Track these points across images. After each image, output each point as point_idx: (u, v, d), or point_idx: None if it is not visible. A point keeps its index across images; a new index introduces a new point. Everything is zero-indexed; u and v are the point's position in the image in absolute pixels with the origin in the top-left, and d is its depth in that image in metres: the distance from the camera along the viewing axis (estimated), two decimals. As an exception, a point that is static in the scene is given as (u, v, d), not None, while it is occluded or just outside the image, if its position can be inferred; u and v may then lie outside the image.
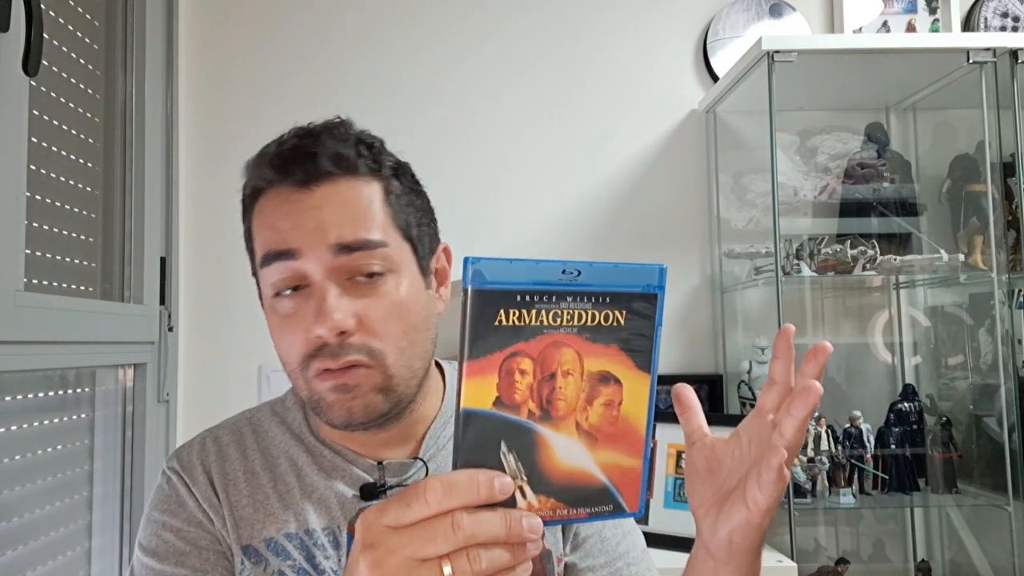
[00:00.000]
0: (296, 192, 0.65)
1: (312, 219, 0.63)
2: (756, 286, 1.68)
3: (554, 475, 0.41)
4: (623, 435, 0.41)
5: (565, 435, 0.41)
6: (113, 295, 1.47)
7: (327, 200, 0.64)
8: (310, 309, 0.63)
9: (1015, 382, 1.52)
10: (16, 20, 1.05)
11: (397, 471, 0.71)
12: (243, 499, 0.70)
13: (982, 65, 1.53)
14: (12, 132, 1.09)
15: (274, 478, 0.71)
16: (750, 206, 1.74)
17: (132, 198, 1.50)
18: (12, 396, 1.17)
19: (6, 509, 1.14)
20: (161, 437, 1.56)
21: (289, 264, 0.64)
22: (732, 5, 1.83)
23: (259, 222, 0.67)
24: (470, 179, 1.77)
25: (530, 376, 0.40)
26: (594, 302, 0.40)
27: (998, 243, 1.54)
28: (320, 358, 0.63)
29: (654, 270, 0.41)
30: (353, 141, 0.67)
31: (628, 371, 0.41)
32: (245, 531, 0.68)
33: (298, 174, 0.65)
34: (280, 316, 0.66)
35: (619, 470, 0.42)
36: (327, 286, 0.63)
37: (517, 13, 1.81)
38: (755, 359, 1.65)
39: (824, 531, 1.77)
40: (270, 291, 0.66)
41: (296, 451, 0.73)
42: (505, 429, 0.40)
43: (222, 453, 0.73)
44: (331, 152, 0.65)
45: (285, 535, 0.68)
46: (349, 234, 0.63)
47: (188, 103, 1.72)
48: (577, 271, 0.40)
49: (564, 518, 0.41)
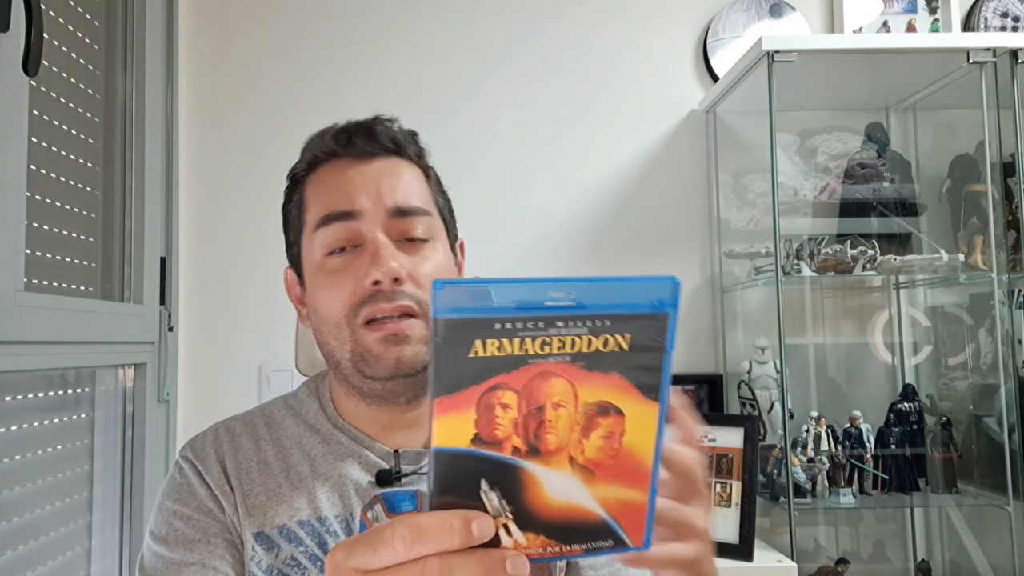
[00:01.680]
0: (356, 162, 0.72)
1: (372, 185, 0.70)
2: (756, 286, 1.68)
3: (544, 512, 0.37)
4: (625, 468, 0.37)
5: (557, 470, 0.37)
6: (113, 295, 1.47)
7: (384, 171, 0.72)
8: (363, 261, 0.68)
9: (1015, 382, 1.52)
10: (16, 20, 1.05)
11: (412, 460, 0.72)
12: (256, 487, 0.71)
13: (982, 65, 1.53)
14: (12, 132, 1.09)
15: (287, 467, 0.72)
16: (750, 206, 1.75)
17: (132, 198, 1.50)
18: (12, 396, 1.17)
19: (6, 509, 1.14)
20: (161, 437, 1.57)
21: (349, 224, 0.69)
22: (732, 5, 1.83)
23: (317, 189, 0.72)
24: (470, 179, 1.77)
25: (514, 410, 0.35)
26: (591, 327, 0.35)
27: (998, 243, 1.54)
28: (372, 303, 0.67)
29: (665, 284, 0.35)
30: (404, 131, 0.75)
31: (632, 400, 0.37)
32: (257, 518, 0.69)
33: (359, 147, 0.71)
34: (328, 272, 0.70)
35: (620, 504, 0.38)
36: (382, 239, 0.68)
37: (517, 14, 1.81)
38: (755, 359, 1.65)
39: (824, 531, 1.77)
40: (322, 251, 0.70)
41: (310, 441, 0.74)
42: (486, 467, 0.36)
43: (235, 443, 0.74)
44: (387, 133, 0.73)
45: (297, 522, 0.69)
46: (403, 200, 0.70)
47: (188, 103, 1.72)
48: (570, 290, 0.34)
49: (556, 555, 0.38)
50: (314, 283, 0.71)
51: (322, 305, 0.70)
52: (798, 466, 1.52)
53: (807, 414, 1.61)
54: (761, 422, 1.55)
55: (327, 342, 0.71)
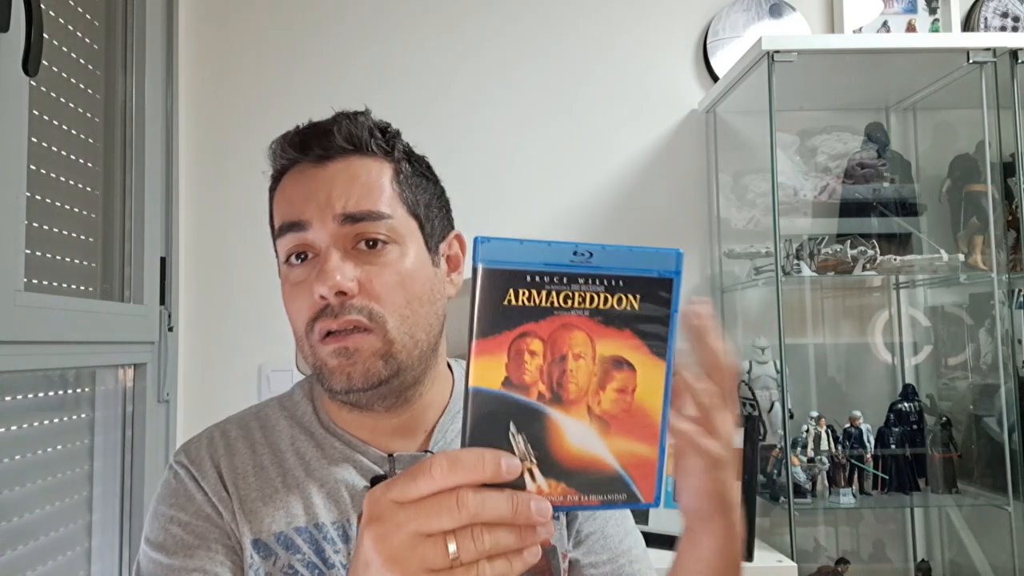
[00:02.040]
0: (312, 168, 0.69)
1: (323, 191, 0.67)
2: (756, 286, 1.68)
3: (565, 460, 0.40)
4: (637, 423, 0.40)
5: (576, 419, 0.40)
6: (113, 295, 1.47)
7: (339, 174, 0.69)
8: (311, 274, 0.66)
9: (1015, 382, 1.52)
10: (16, 20, 1.05)
11: (407, 464, 0.71)
12: (252, 493, 0.70)
13: (982, 65, 1.53)
14: (12, 132, 1.09)
15: (283, 472, 0.71)
16: (750, 206, 1.75)
17: (132, 198, 1.50)
18: (12, 396, 1.17)
19: (6, 509, 1.14)
20: (161, 437, 1.56)
21: (299, 235, 0.67)
22: (732, 5, 1.83)
23: (279, 198, 0.72)
24: (471, 178, 1.77)
25: (540, 357, 0.39)
26: (607, 285, 0.39)
27: (998, 243, 1.54)
28: (322, 319, 0.65)
29: (670, 255, 0.40)
30: (367, 125, 0.71)
31: (642, 357, 0.40)
32: (255, 525, 0.68)
33: (314, 150, 0.69)
34: (290, 284, 0.69)
35: (633, 459, 0.40)
36: (330, 251, 0.66)
37: (517, 13, 1.81)
38: (755, 359, 1.65)
39: (824, 531, 1.77)
40: (282, 260, 0.70)
41: (304, 444, 0.73)
42: (514, 410, 0.39)
43: (230, 447, 0.73)
44: (345, 131, 0.69)
45: (295, 529, 0.68)
46: (353, 205, 0.67)
47: (188, 103, 1.72)
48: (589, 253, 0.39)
49: (575, 504, 0.40)
50: (283, 293, 0.71)
51: (289, 316, 0.70)
52: (798, 466, 1.52)
53: (807, 414, 1.61)
54: (761, 422, 1.55)
55: (300, 351, 0.70)
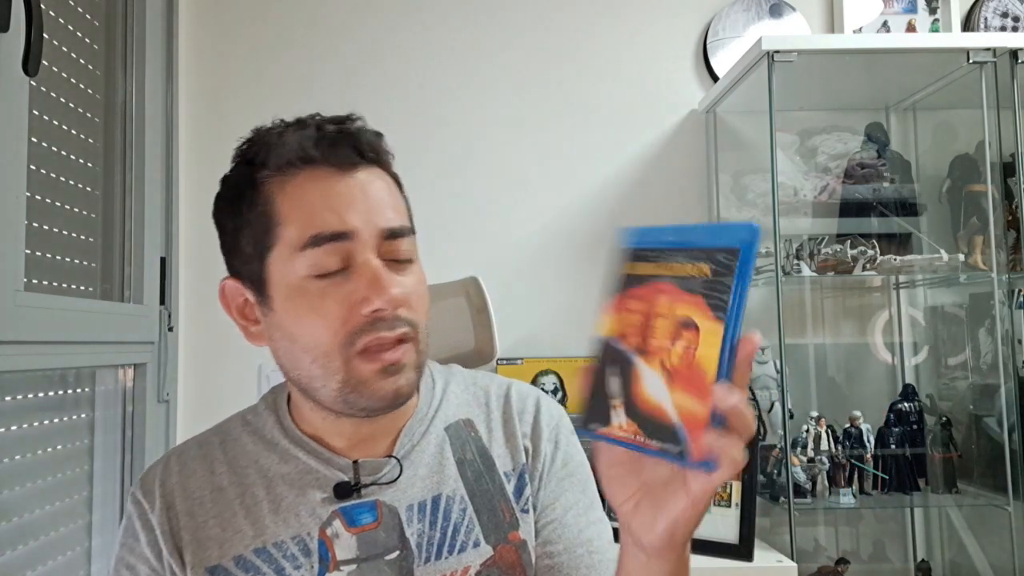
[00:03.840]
0: (337, 174, 0.66)
1: (361, 202, 0.65)
2: (756, 286, 1.68)
3: (641, 403, 0.46)
4: (695, 378, 0.44)
5: (652, 369, 0.46)
6: (113, 295, 1.47)
7: (369, 185, 0.66)
8: (358, 286, 0.63)
9: (1015, 382, 1.52)
10: (16, 20, 1.05)
11: (372, 470, 0.71)
12: (209, 519, 0.69)
13: (982, 65, 1.53)
14: (12, 132, 1.09)
15: (242, 492, 0.70)
16: (750, 206, 1.74)
17: (132, 198, 1.50)
18: (12, 396, 1.17)
19: (6, 509, 1.14)
20: (161, 437, 1.56)
21: (343, 245, 0.64)
22: (732, 5, 1.83)
23: (297, 203, 0.65)
24: (470, 178, 1.77)
25: (638, 316, 0.47)
26: (689, 255, 0.46)
27: (998, 243, 1.54)
28: (372, 332, 0.63)
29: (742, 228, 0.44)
30: (373, 133, 0.70)
31: (706, 319, 0.44)
32: (213, 551, 0.68)
33: (342, 156, 0.66)
34: (312, 297, 0.64)
35: (689, 414, 0.44)
36: (378, 264, 0.64)
37: (517, 13, 1.81)
38: (755, 359, 1.64)
39: (824, 531, 1.77)
40: (307, 271, 0.64)
41: (267, 459, 0.72)
42: (614, 355, 0.48)
43: (186, 470, 0.72)
44: (367, 140, 0.67)
45: (254, 551, 0.67)
46: (395, 219, 0.67)
47: (188, 103, 1.72)
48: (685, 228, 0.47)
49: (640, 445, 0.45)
50: (293, 307, 0.65)
51: (306, 332, 0.65)
52: (798, 466, 1.52)
53: (807, 414, 1.61)
54: (761, 422, 1.55)
55: (310, 370, 0.66)
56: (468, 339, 1.11)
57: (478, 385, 0.81)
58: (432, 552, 0.69)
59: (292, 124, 0.69)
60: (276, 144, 0.67)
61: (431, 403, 0.77)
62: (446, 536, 0.70)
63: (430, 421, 0.75)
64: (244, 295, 0.71)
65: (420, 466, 0.72)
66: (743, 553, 1.34)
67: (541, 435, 0.77)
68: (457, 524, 0.71)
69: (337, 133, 0.66)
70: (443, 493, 0.72)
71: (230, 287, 0.72)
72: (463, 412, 0.78)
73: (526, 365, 1.68)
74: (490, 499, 0.73)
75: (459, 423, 0.76)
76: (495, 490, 0.73)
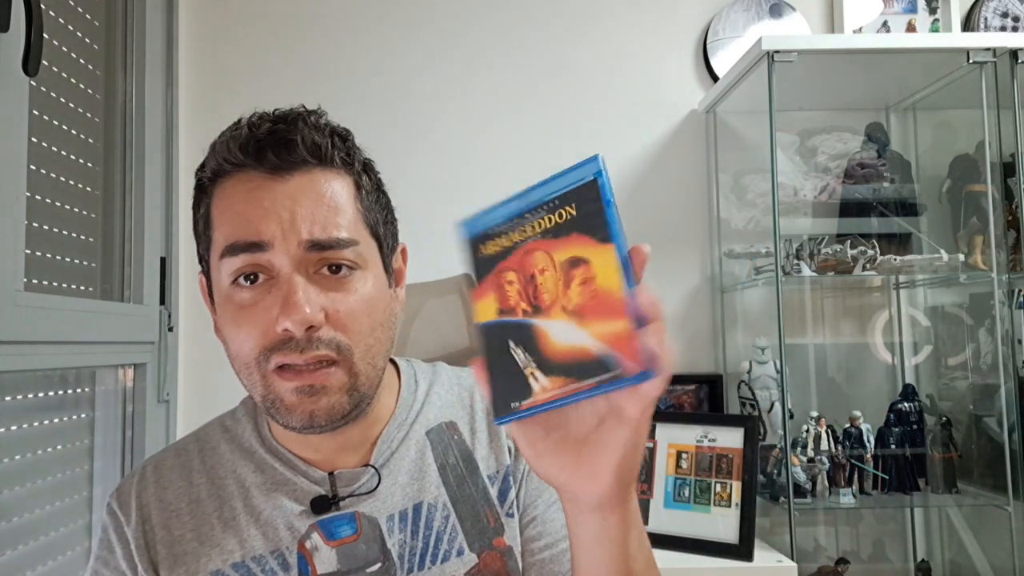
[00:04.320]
0: (268, 179, 0.62)
1: (285, 210, 0.60)
2: (756, 286, 1.68)
3: (557, 356, 0.45)
4: (604, 304, 0.44)
5: (555, 320, 0.46)
6: (113, 295, 1.47)
7: (301, 191, 0.62)
8: (274, 301, 0.60)
9: (1015, 382, 1.52)
10: (16, 20, 1.05)
11: (349, 480, 0.69)
12: (187, 533, 0.68)
13: (982, 65, 1.53)
14: (12, 132, 1.09)
15: (220, 503, 0.69)
16: (750, 206, 1.74)
17: (132, 198, 1.50)
18: (12, 396, 1.17)
19: (6, 509, 1.14)
20: (161, 437, 1.56)
21: (256, 256, 0.60)
22: (732, 5, 1.83)
23: (223, 207, 0.63)
24: (470, 178, 1.77)
25: (516, 283, 0.47)
26: (548, 208, 0.47)
27: (998, 243, 1.54)
28: (284, 352, 0.60)
29: (588, 162, 0.47)
30: (328, 131, 0.65)
31: (592, 248, 0.45)
32: (190, 565, 0.66)
33: (272, 160, 0.61)
34: (236, 306, 0.62)
35: (612, 336, 0.44)
36: (295, 278, 0.60)
37: (516, 13, 1.81)
38: (755, 359, 1.65)
39: (824, 531, 1.77)
40: (227, 279, 0.62)
41: (244, 470, 0.70)
42: (508, 330, 0.47)
43: (162, 481, 0.70)
44: (309, 141, 0.62)
45: (232, 565, 0.66)
46: (320, 231, 0.61)
47: (188, 103, 1.72)
48: (527, 191, 0.48)
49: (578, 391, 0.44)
50: (223, 313, 0.64)
51: (231, 340, 0.63)
52: (798, 466, 1.52)
53: (807, 414, 1.61)
54: (761, 422, 1.55)
55: (240, 378, 0.65)
56: (461, 337, 1.11)
57: (462, 385, 0.79)
58: (415, 562, 0.67)
59: (235, 124, 0.65)
60: (216, 146, 0.65)
61: (411, 407, 0.74)
62: (428, 545, 0.68)
63: (409, 426, 0.73)
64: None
65: (400, 474, 0.70)
66: (743, 553, 1.35)
67: None
68: (440, 532, 0.69)
69: (268, 134, 0.62)
70: (424, 501, 0.69)
71: (201, 281, 0.71)
72: (446, 414, 0.75)
73: (526, 365, 1.68)
74: (473, 505, 0.70)
75: (441, 426, 0.74)
76: (479, 495, 0.71)
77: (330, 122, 0.67)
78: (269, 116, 0.65)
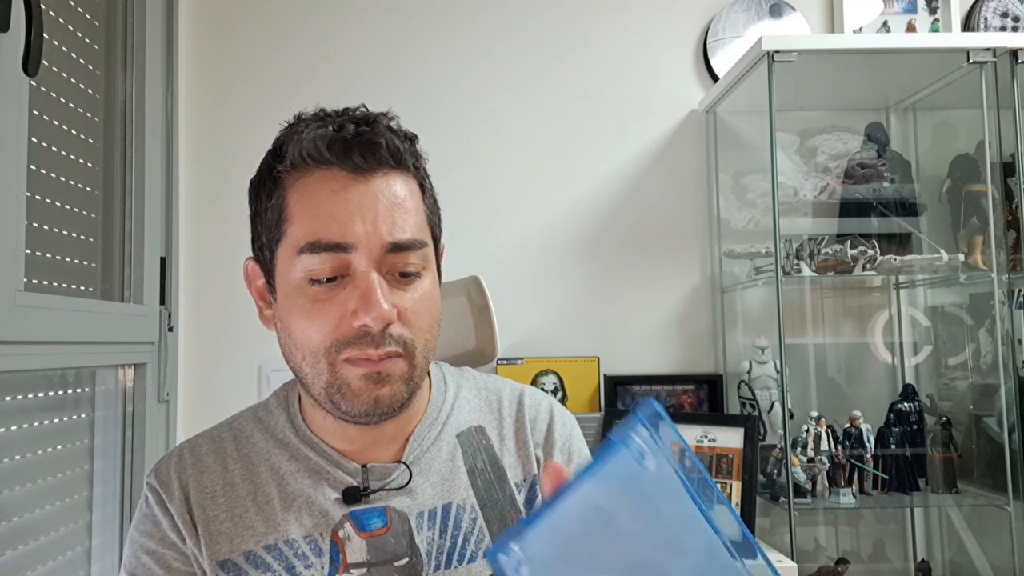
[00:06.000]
0: (351, 179, 0.64)
1: (368, 212, 0.63)
2: (756, 286, 1.68)
3: None
4: None
5: None
6: (113, 295, 1.47)
7: (382, 194, 0.64)
8: (351, 296, 0.63)
9: (1015, 382, 1.52)
10: (16, 20, 1.05)
11: (381, 475, 0.71)
12: (221, 513, 0.69)
13: (982, 65, 1.53)
14: (12, 132, 1.09)
15: (254, 488, 0.70)
16: (750, 206, 1.75)
17: (132, 198, 1.50)
18: (12, 396, 1.17)
19: (6, 509, 1.14)
20: (161, 437, 1.56)
21: (340, 256, 0.63)
22: (732, 5, 1.83)
23: (304, 202, 0.64)
24: (470, 178, 1.77)
25: None
26: None
27: (998, 243, 1.54)
28: (359, 346, 0.63)
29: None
30: (403, 135, 0.67)
31: None
32: (224, 546, 0.68)
33: (358, 161, 0.64)
34: (310, 299, 0.64)
35: None
36: (374, 277, 0.63)
37: (517, 13, 1.81)
38: (755, 359, 1.65)
39: (824, 531, 1.77)
40: (304, 275, 0.64)
41: (278, 458, 0.72)
42: None
43: (199, 464, 0.72)
44: (392, 144, 0.65)
45: (264, 547, 0.67)
46: (400, 233, 0.64)
47: (188, 103, 1.72)
48: None
49: None
50: (290, 304, 0.65)
51: (298, 330, 0.65)
52: (798, 466, 1.52)
53: (807, 414, 1.61)
54: (761, 422, 1.55)
55: (300, 366, 0.66)
56: (469, 338, 1.11)
57: (490, 390, 0.80)
58: (442, 560, 0.69)
59: (319, 118, 0.67)
60: (296, 139, 0.65)
61: (442, 407, 0.76)
62: (456, 545, 0.70)
63: (441, 427, 0.75)
64: (261, 278, 0.71)
65: (431, 473, 0.72)
66: (743, 553, 1.34)
67: (554, 446, 0.76)
68: (468, 533, 0.70)
69: (355, 135, 0.64)
70: (454, 502, 0.71)
71: (251, 268, 0.72)
72: (475, 418, 0.77)
73: (526, 365, 1.68)
74: (501, 510, 0.72)
75: (471, 430, 0.76)
76: (506, 501, 0.73)
77: (402, 125, 0.69)
78: (350, 116, 0.66)
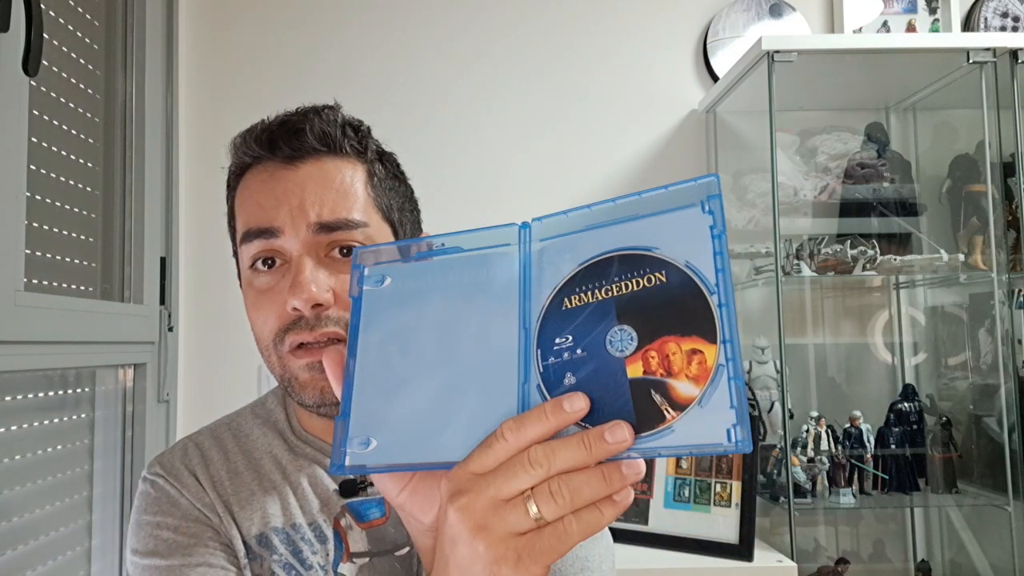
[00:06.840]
0: (281, 168, 0.66)
1: (295, 196, 0.64)
2: (756, 286, 1.68)
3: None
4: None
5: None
6: (113, 295, 1.47)
7: (310, 178, 0.65)
8: (286, 283, 0.64)
9: (1015, 382, 1.52)
10: (16, 20, 1.05)
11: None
12: (230, 498, 0.70)
13: (982, 65, 1.53)
14: (12, 132, 1.09)
15: (259, 476, 0.71)
16: (750, 206, 1.74)
17: (132, 198, 1.50)
18: (12, 396, 1.17)
19: (6, 509, 1.14)
20: (161, 437, 1.56)
21: (269, 242, 0.64)
22: (732, 5, 1.83)
23: (243, 198, 0.68)
24: (470, 179, 1.77)
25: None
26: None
27: (998, 243, 1.54)
28: (295, 331, 0.63)
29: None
30: (340, 123, 0.68)
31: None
32: (231, 529, 0.68)
33: (284, 150, 0.65)
34: (256, 291, 0.66)
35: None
36: (303, 260, 0.63)
37: (517, 13, 1.81)
38: (755, 359, 1.65)
39: (824, 531, 1.77)
40: (247, 266, 0.67)
41: (279, 449, 0.73)
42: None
43: (204, 456, 0.72)
44: (318, 130, 0.66)
45: (272, 528, 0.68)
46: (328, 213, 0.64)
47: (188, 103, 1.72)
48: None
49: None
50: (246, 298, 0.68)
51: (253, 324, 0.67)
52: (798, 466, 1.52)
53: (807, 414, 1.61)
54: (761, 422, 1.55)
55: (266, 363, 0.68)
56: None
57: None
58: None
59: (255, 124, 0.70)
60: (235, 147, 0.69)
61: None
62: None
63: None
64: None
65: None
66: (743, 553, 1.34)
67: None
68: None
69: (280, 126, 0.66)
70: None
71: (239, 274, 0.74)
72: None
73: (526, 365, 1.68)
74: None
75: None
76: None
77: (344, 115, 0.70)
78: (285, 112, 0.69)
